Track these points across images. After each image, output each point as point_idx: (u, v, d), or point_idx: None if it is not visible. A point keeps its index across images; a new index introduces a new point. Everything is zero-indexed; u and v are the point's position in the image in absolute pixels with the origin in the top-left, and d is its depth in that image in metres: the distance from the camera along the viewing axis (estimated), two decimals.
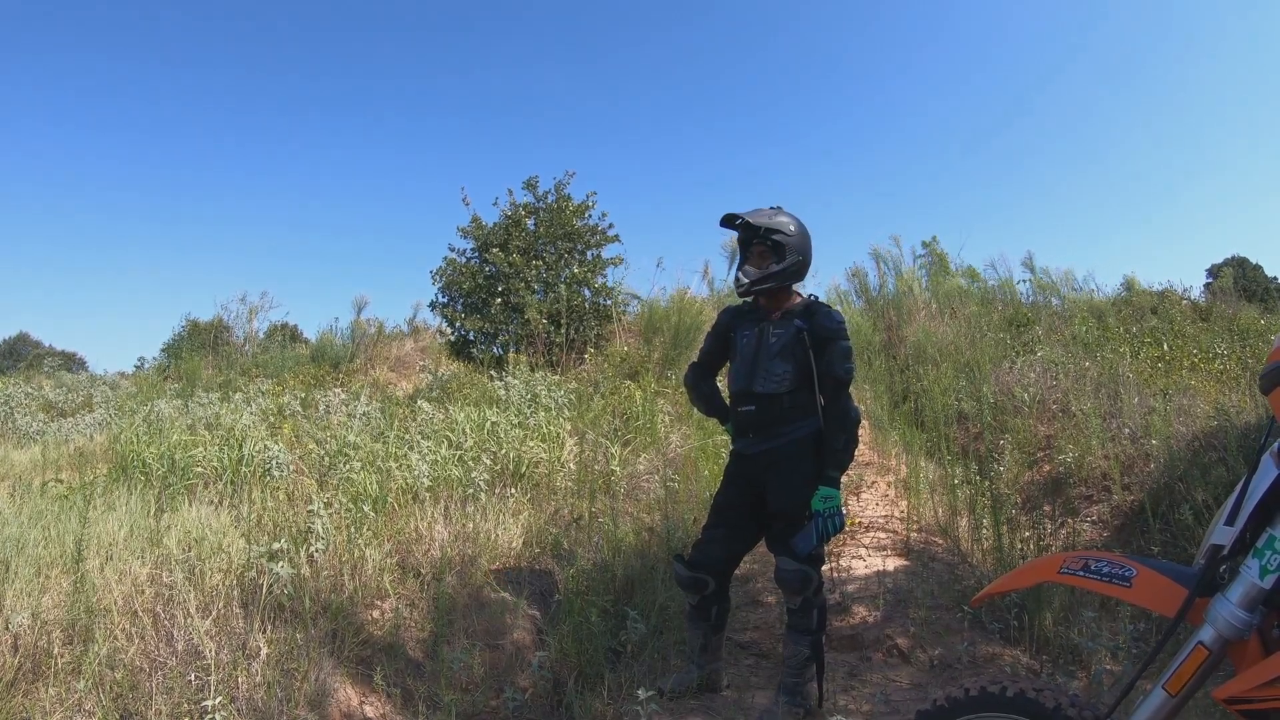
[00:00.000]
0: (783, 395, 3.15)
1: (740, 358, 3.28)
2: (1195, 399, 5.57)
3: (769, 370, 3.17)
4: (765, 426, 3.19)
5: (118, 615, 3.09)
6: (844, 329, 3.17)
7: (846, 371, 3.13)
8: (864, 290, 11.91)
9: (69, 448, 7.48)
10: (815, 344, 3.13)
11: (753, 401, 3.20)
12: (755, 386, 3.18)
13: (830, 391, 3.15)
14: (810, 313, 3.20)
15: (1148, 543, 4.23)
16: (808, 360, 3.13)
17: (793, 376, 3.14)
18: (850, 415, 3.14)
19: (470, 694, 3.02)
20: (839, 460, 3.11)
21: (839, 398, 3.14)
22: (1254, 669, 1.31)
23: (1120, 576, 1.55)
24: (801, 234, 3.23)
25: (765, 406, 3.17)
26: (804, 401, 3.16)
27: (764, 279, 3.18)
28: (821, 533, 3.02)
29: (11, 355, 22.07)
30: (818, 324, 3.15)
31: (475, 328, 9.68)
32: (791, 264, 3.18)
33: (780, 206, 3.28)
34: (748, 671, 3.48)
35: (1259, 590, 1.35)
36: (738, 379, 3.27)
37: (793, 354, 3.15)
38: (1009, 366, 7.53)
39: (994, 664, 3.35)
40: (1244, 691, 1.30)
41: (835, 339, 3.12)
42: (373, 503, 4.27)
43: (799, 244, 3.20)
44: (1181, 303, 10.42)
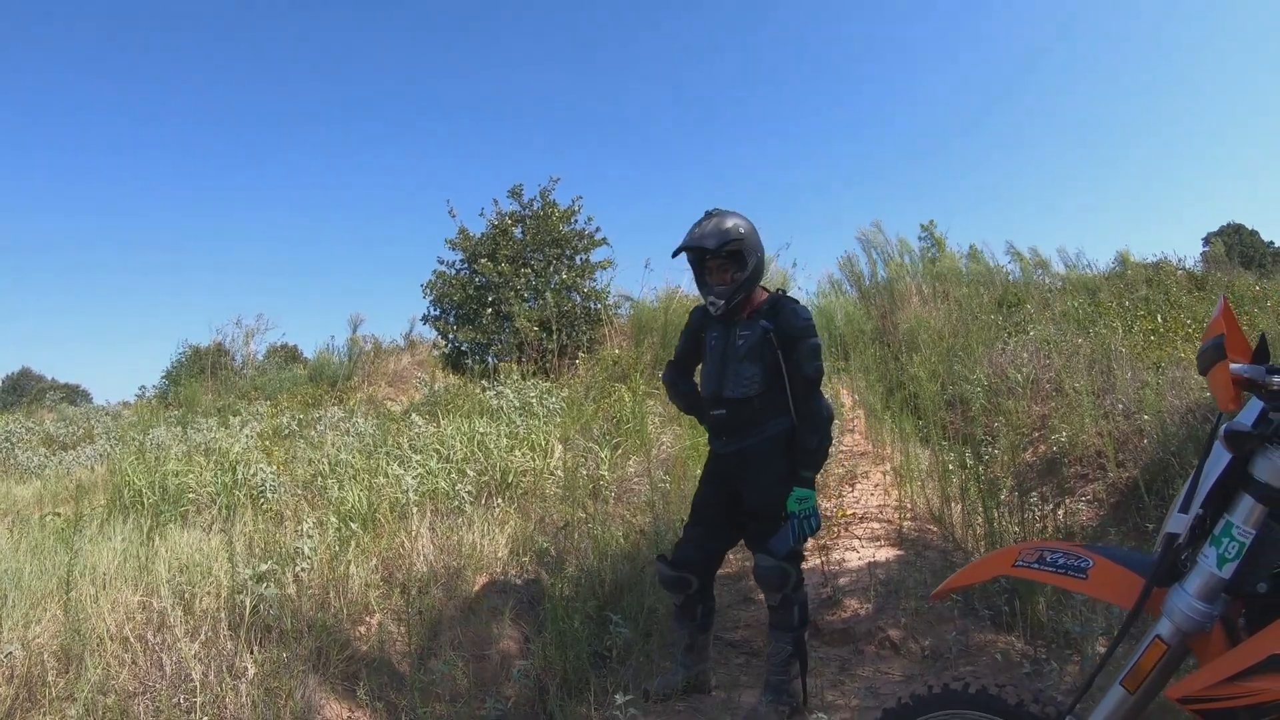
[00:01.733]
0: (753, 398, 3.09)
1: (709, 361, 3.24)
2: (1189, 371, 5.52)
3: (738, 374, 3.11)
4: (737, 429, 3.14)
5: (110, 642, 3.12)
6: (811, 326, 3.09)
7: (815, 370, 3.06)
8: (856, 278, 11.87)
9: (70, 480, 7.52)
10: (783, 343, 3.05)
11: (723, 405, 3.15)
12: (725, 391, 3.13)
13: (800, 391, 3.07)
14: (776, 311, 3.11)
15: (1143, 519, 4.20)
16: (776, 360, 3.07)
17: (762, 378, 3.08)
18: (822, 414, 3.06)
19: (455, 705, 3.01)
20: (813, 460, 3.04)
21: (810, 396, 3.06)
22: (1212, 665, 1.23)
23: (1075, 568, 1.50)
24: (751, 230, 3.11)
25: (736, 410, 3.13)
26: (775, 401, 3.10)
27: (736, 292, 3.09)
28: (798, 534, 2.96)
29: (14, 391, 22.18)
30: (784, 323, 3.06)
31: (468, 339, 9.68)
32: (753, 266, 3.09)
33: (718, 209, 3.15)
34: (737, 670, 3.46)
35: (1217, 580, 1.29)
36: (708, 383, 3.23)
37: (760, 355, 3.08)
38: (1001, 348, 7.48)
39: (985, 652, 3.32)
40: (1201, 689, 1.22)
41: (802, 338, 3.04)
42: (361, 520, 4.27)
43: (753, 242, 3.10)
44: (1177, 273, 10.35)
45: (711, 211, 3.13)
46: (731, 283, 3.08)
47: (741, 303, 3.15)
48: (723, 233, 3.03)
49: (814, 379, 3.06)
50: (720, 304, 3.10)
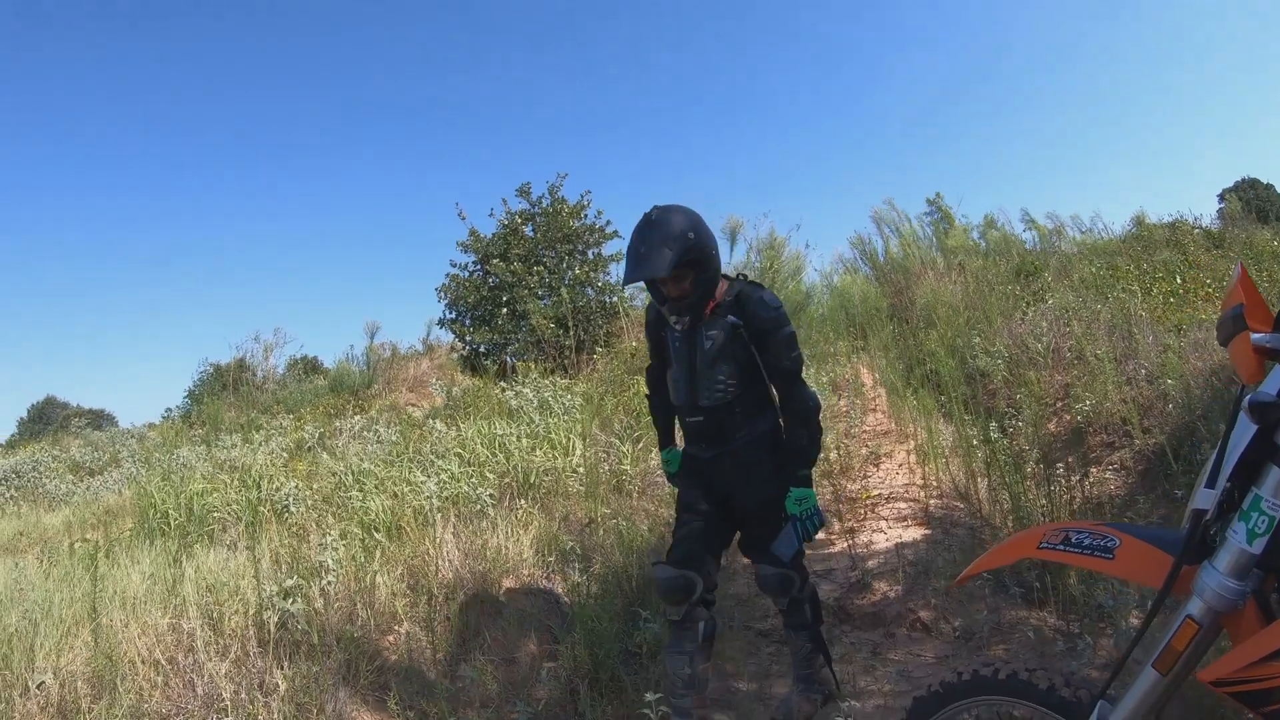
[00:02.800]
0: (732, 402, 2.84)
1: (676, 366, 2.94)
2: (1210, 332, 5.43)
3: (710, 379, 2.83)
4: (717, 435, 2.90)
5: (141, 665, 3.15)
6: (782, 314, 2.80)
7: (795, 361, 2.80)
8: (870, 256, 11.79)
9: (98, 506, 7.60)
10: (754, 338, 2.79)
11: (699, 413, 2.90)
12: (700, 400, 2.86)
13: (783, 385, 2.83)
14: (741, 303, 2.81)
15: (1171, 486, 4.13)
16: (750, 357, 2.81)
17: (738, 379, 2.82)
18: (809, 405, 2.81)
19: (486, 710, 3.01)
20: (807, 457, 2.81)
21: (794, 389, 2.80)
22: (1247, 644, 1.19)
23: (1102, 548, 1.45)
24: (699, 228, 2.72)
25: (713, 417, 2.87)
26: (755, 400, 2.88)
27: (699, 302, 2.77)
28: (802, 535, 2.77)
29: (40, 419, 22.45)
30: (752, 315, 2.77)
31: (484, 340, 9.71)
32: (711, 267, 2.75)
33: (659, 212, 2.70)
34: (768, 660, 3.43)
35: (1248, 555, 1.24)
36: (679, 392, 2.94)
37: (732, 355, 2.81)
38: (1020, 318, 7.40)
39: (1018, 629, 3.27)
40: (1234, 671, 1.17)
41: (776, 329, 2.76)
42: (385, 529, 4.29)
43: (705, 241, 2.72)
44: (1194, 232, 10.20)
45: (652, 219, 2.69)
46: (693, 290, 2.74)
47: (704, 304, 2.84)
48: (671, 248, 2.61)
49: (794, 371, 2.82)
50: (686, 320, 2.81)
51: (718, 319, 2.81)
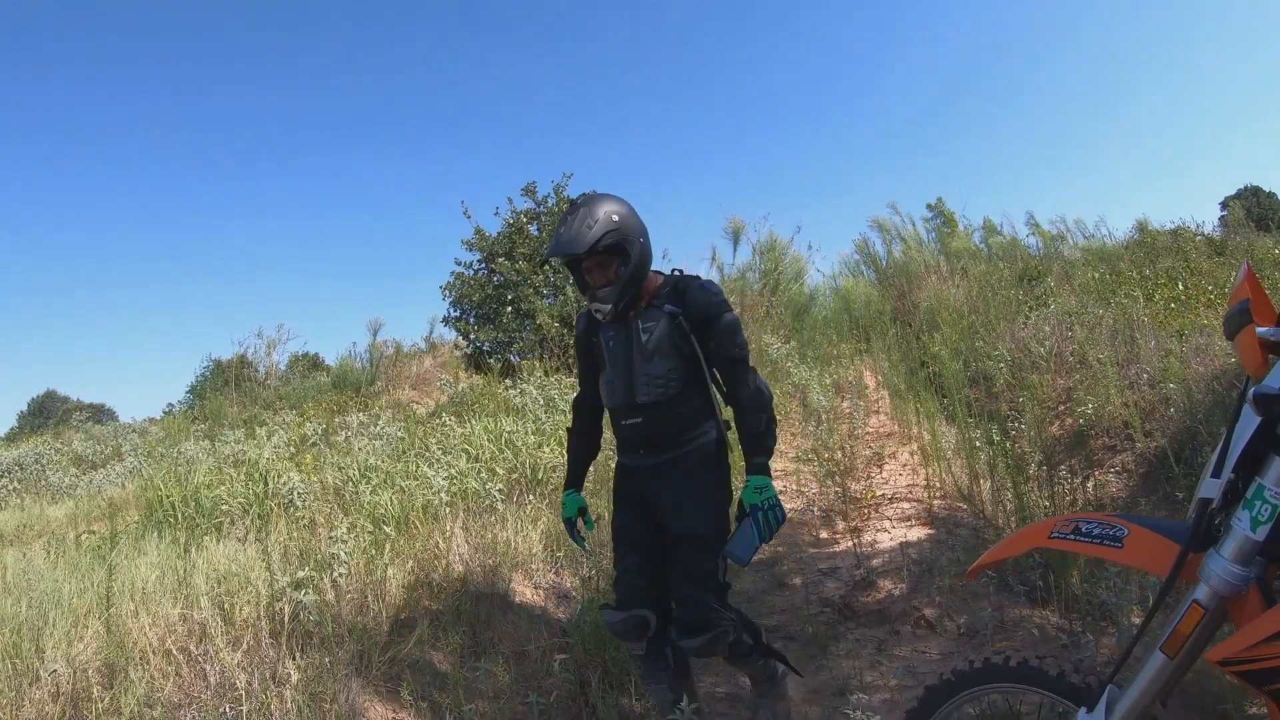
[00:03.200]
0: (673, 399, 2.63)
1: (611, 365, 2.72)
2: (1212, 337, 5.48)
3: (649, 374, 2.63)
4: (657, 439, 2.67)
5: (153, 655, 3.18)
6: (724, 300, 2.66)
7: (741, 347, 2.65)
8: (872, 260, 11.84)
9: (102, 499, 7.62)
10: (696, 327, 2.62)
11: (637, 413, 2.67)
12: (638, 397, 2.65)
13: (730, 373, 2.66)
14: (680, 291, 2.66)
15: (1173, 489, 4.17)
16: (692, 351, 2.64)
17: (679, 373, 2.63)
18: (763, 392, 2.66)
19: (497, 702, 3.05)
20: (763, 444, 2.62)
21: (744, 377, 2.64)
22: (1251, 626, 1.25)
23: (1111, 537, 1.51)
24: (628, 214, 2.61)
25: (654, 416, 2.65)
26: (698, 402, 2.68)
27: (624, 291, 2.60)
28: (762, 529, 2.52)
29: (41, 413, 22.46)
30: (692, 302, 2.62)
31: (489, 338, 9.74)
32: (638, 254, 2.59)
33: (586, 197, 2.66)
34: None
35: (1252, 543, 1.30)
36: (614, 393, 2.72)
37: (673, 346, 2.62)
38: (1023, 322, 7.45)
39: (1021, 627, 3.32)
40: (1239, 651, 1.23)
41: (717, 315, 2.61)
42: (394, 523, 4.33)
43: (632, 227, 2.59)
44: (1196, 239, 10.25)
45: (578, 201, 2.64)
46: (616, 280, 2.59)
47: (634, 297, 2.65)
48: (593, 227, 2.51)
49: (742, 357, 2.65)
50: (608, 309, 2.61)
51: (656, 311, 2.65)
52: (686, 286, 2.66)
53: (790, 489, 5.49)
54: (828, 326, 9.86)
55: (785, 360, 8.26)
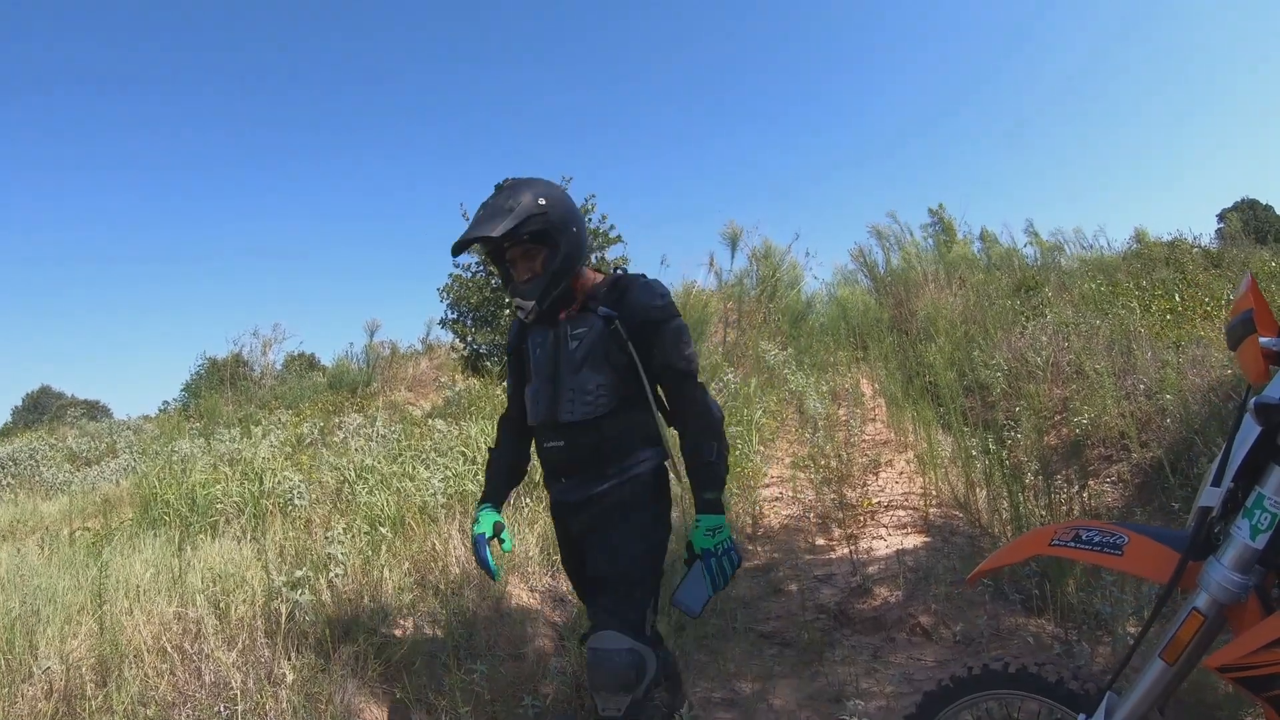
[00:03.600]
0: (601, 420, 2.25)
1: (536, 376, 2.36)
2: (1209, 349, 5.51)
3: (577, 388, 2.25)
4: (583, 466, 2.29)
5: (147, 654, 3.17)
6: (670, 304, 2.30)
7: (688, 360, 2.28)
8: (870, 268, 11.87)
9: (96, 495, 7.61)
10: (635, 334, 2.24)
11: (560, 434, 2.30)
12: (561, 415, 2.27)
13: (675, 390, 2.29)
14: (618, 292, 2.30)
15: (1169, 499, 4.19)
16: (629, 361, 2.25)
17: (611, 389, 2.25)
18: (713, 414, 2.28)
19: (493, 705, 3.04)
20: (715, 476, 2.24)
21: (693, 396, 2.28)
22: (1249, 633, 1.26)
23: (1111, 545, 1.52)
24: (559, 200, 2.26)
25: (579, 439, 2.27)
26: (633, 423, 2.29)
27: (550, 285, 2.25)
28: (715, 576, 2.17)
29: (35, 409, 22.41)
30: (632, 306, 2.25)
31: (486, 341, 9.74)
32: (569, 244, 2.24)
33: (513, 180, 2.32)
34: (771, 662, 3.47)
35: (1251, 551, 1.31)
36: (536, 407, 2.35)
37: (606, 357, 2.25)
38: (1020, 332, 7.48)
39: (1017, 635, 3.33)
40: (1239, 658, 1.24)
41: (662, 321, 2.24)
42: (390, 524, 4.32)
43: (562, 214, 2.24)
44: (1193, 251, 10.31)
45: (503, 184, 2.33)
46: (542, 273, 2.25)
47: (564, 295, 2.31)
48: (515, 211, 2.17)
49: (690, 372, 2.29)
50: (531, 305, 2.25)
51: (588, 315, 2.29)
52: (627, 288, 2.29)
53: (786, 495, 5.49)
54: (825, 334, 9.88)
55: (782, 367, 8.28)
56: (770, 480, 5.90)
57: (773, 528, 4.99)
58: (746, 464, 5.71)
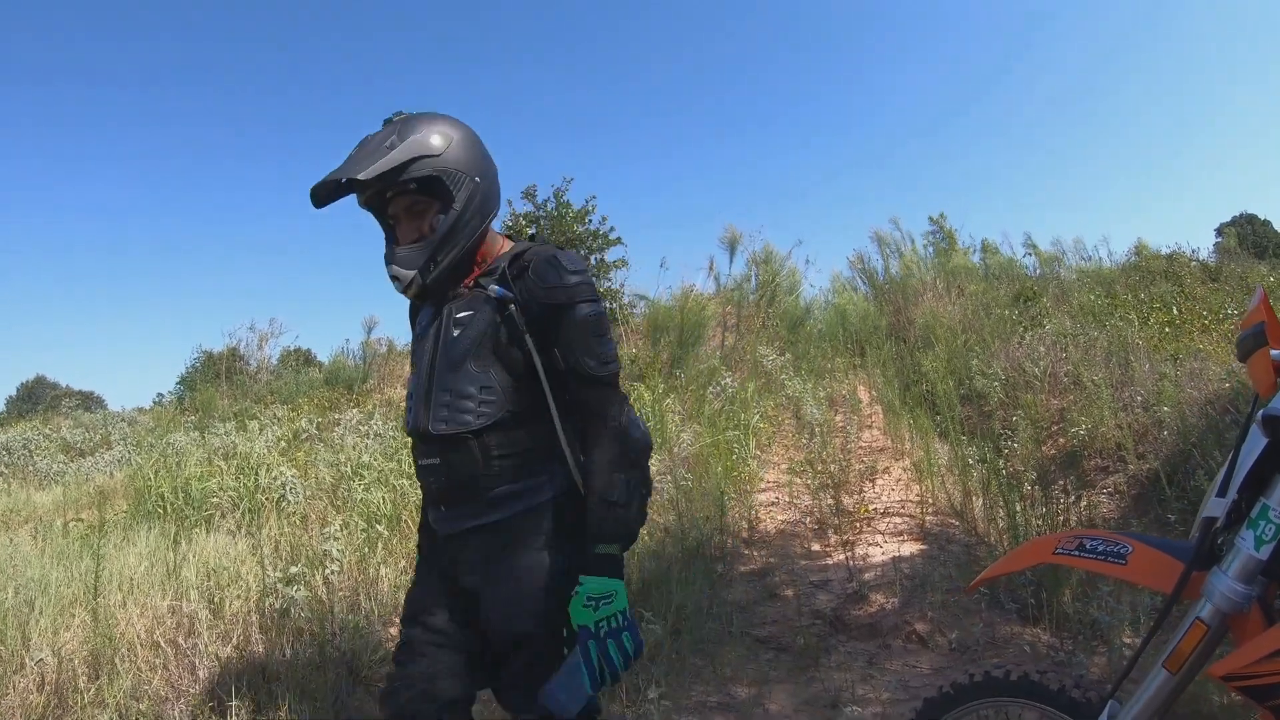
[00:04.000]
0: (483, 433, 1.70)
1: (414, 371, 1.86)
2: (1206, 362, 5.53)
3: (454, 389, 1.72)
4: (463, 492, 1.73)
5: (140, 647, 3.16)
6: (584, 284, 1.73)
7: (603, 360, 1.72)
8: (869, 275, 11.90)
9: (90, 486, 7.58)
10: (534, 322, 1.71)
11: (434, 449, 1.75)
12: (432, 423, 1.72)
13: (584, 399, 1.73)
14: (519, 267, 1.74)
15: (1165, 511, 4.19)
16: (526, 360, 1.72)
17: (500, 393, 1.71)
18: (631, 437, 1.71)
19: (489, 705, 3.03)
20: (619, 523, 1.66)
21: (602, 409, 1.71)
22: (1253, 642, 1.26)
23: (1115, 554, 1.52)
24: (463, 141, 1.75)
25: (455, 457, 1.72)
26: (531, 444, 1.75)
27: (438, 252, 1.71)
28: (596, 672, 1.61)
29: (30, 398, 22.34)
30: (534, 284, 1.70)
31: None
32: (469, 199, 1.72)
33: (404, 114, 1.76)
34: (766, 666, 3.46)
35: (1255, 561, 1.31)
36: (408, 414, 1.83)
37: (494, 350, 1.72)
38: (1018, 342, 7.50)
39: (1013, 644, 3.33)
40: (1242, 667, 1.25)
41: (570, 305, 1.69)
42: (386, 522, 4.32)
43: (464, 158, 1.73)
44: (1191, 264, 10.35)
45: (393, 117, 1.76)
46: (430, 234, 1.72)
47: (462, 266, 1.78)
48: (396, 147, 1.66)
49: (604, 378, 1.72)
50: (411, 276, 1.71)
51: (478, 295, 1.76)
52: (533, 260, 1.73)
53: (783, 500, 5.49)
54: (823, 340, 9.89)
55: (780, 372, 8.29)
56: (767, 485, 5.90)
57: (769, 532, 4.99)
58: (743, 468, 5.72)
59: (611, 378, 1.74)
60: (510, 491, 1.73)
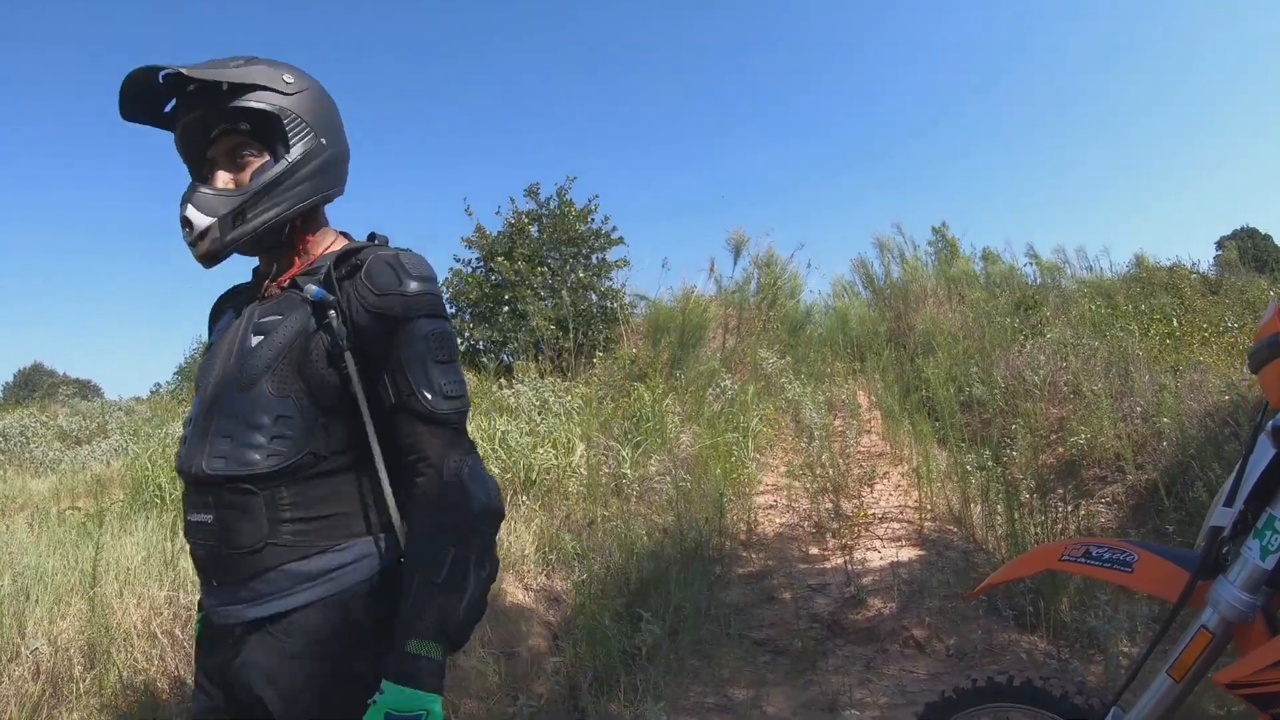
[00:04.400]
0: (274, 481, 1.27)
1: (196, 390, 1.42)
2: (1206, 374, 5.53)
3: (239, 418, 1.29)
4: (236, 563, 1.27)
5: (137, 637, 3.15)
6: (428, 294, 1.35)
7: (445, 395, 1.31)
8: (870, 280, 11.90)
9: (86, 475, 7.56)
10: (359, 338, 1.31)
11: (207, 499, 1.29)
12: (207, 461, 1.28)
13: (413, 443, 1.30)
14: (350, 267, 1.35)
15: (1163, 522, 4.20)
16: (341, 386, 1.31)
17: (303, 426, 1.29)
18: (473, 498, 1.28)
19: (486, 702, 3.04)
20: (443, 614, 1.22)
21: (438, 456, 1.29)
22: (1258, 651, 1.28)
23: (1121, 562, 1.54)
24: (320, 98, 1.42)
25: (232, 513, 1.27)
26: (337, 494, 1.32)
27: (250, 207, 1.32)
28: None
29: (27, 386, 22.29)
30: (365, 289, 1.32)
31: (484, 337, 9.71)
32: (308, 154, 1.36)
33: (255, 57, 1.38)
34: (764, 669, 3.47)
35: (1261, 571, 1.32)
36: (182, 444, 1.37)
37: (299, 368, 1.31)
38: (1018, 350, 7.50)
39: (1010, 651, 3.34)
40: (1247, 675, 1.26)
41: (407, 318, 1.31)
42: None
43: (318, 111, 1.40)
44: (1191, 277, 10.37)
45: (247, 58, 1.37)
46: (250, 182, 1.34)
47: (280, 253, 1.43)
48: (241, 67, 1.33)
49: (444, 416, 1.30)
50: (208, 225, 1.30)
51: (291, 297, 1.36)
52: (364, 262, 1.34)
53: (781, 503, 5.50)
54: (823, 344, 9.89)
55: (780, 375, 8.29)
56: (765, 488, 5.90)
57: (767, 535, 5.00)
58: (742, 470, 5.72)
59: (455, 417, 1.32)
60: (307, 570, 1.26)
